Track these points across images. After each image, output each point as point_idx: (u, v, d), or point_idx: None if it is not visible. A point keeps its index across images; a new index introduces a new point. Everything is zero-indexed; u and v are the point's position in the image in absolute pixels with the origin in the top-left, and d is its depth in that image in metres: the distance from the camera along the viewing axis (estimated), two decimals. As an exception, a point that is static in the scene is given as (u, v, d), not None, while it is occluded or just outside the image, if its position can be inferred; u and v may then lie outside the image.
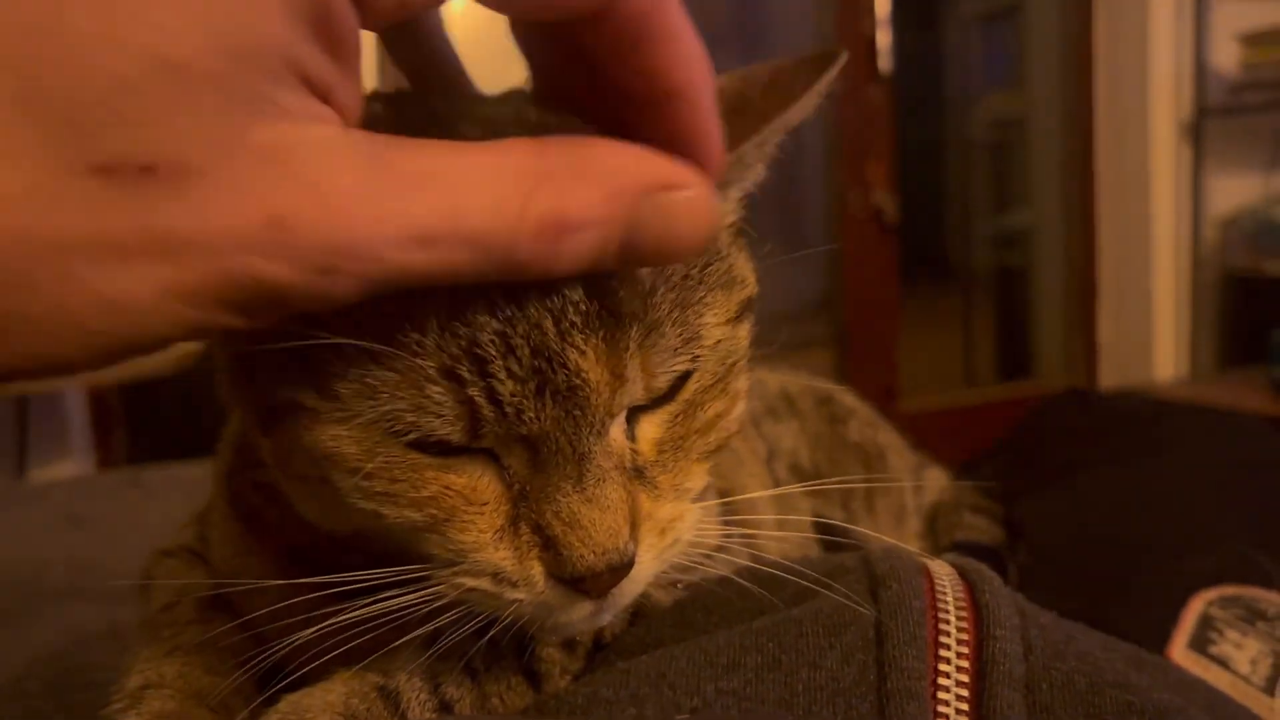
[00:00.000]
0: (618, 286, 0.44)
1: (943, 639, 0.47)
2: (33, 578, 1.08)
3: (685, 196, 0.40)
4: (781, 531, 0.86)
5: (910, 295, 3.23)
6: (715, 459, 0.52)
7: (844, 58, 0.50)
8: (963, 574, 0.51)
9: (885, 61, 3.16)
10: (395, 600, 0.46)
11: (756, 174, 0.52)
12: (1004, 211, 3.80)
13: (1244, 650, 0.72)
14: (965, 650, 0.46)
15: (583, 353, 0.43)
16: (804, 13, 3.31)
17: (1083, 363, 3.62)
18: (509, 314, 0.42)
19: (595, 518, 0.44)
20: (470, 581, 0.45)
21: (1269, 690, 0.69)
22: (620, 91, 0.42)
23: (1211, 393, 2.86)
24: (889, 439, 1.11)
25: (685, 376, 0.48)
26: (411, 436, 0.43)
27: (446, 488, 0.44)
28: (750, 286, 0.51)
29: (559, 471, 0.44)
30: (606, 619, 0.48)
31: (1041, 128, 3.69)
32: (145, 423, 3.00)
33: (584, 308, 0.43)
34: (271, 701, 0.49)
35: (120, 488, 1.50)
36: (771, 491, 0.85)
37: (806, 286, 3.18)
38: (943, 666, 0.46)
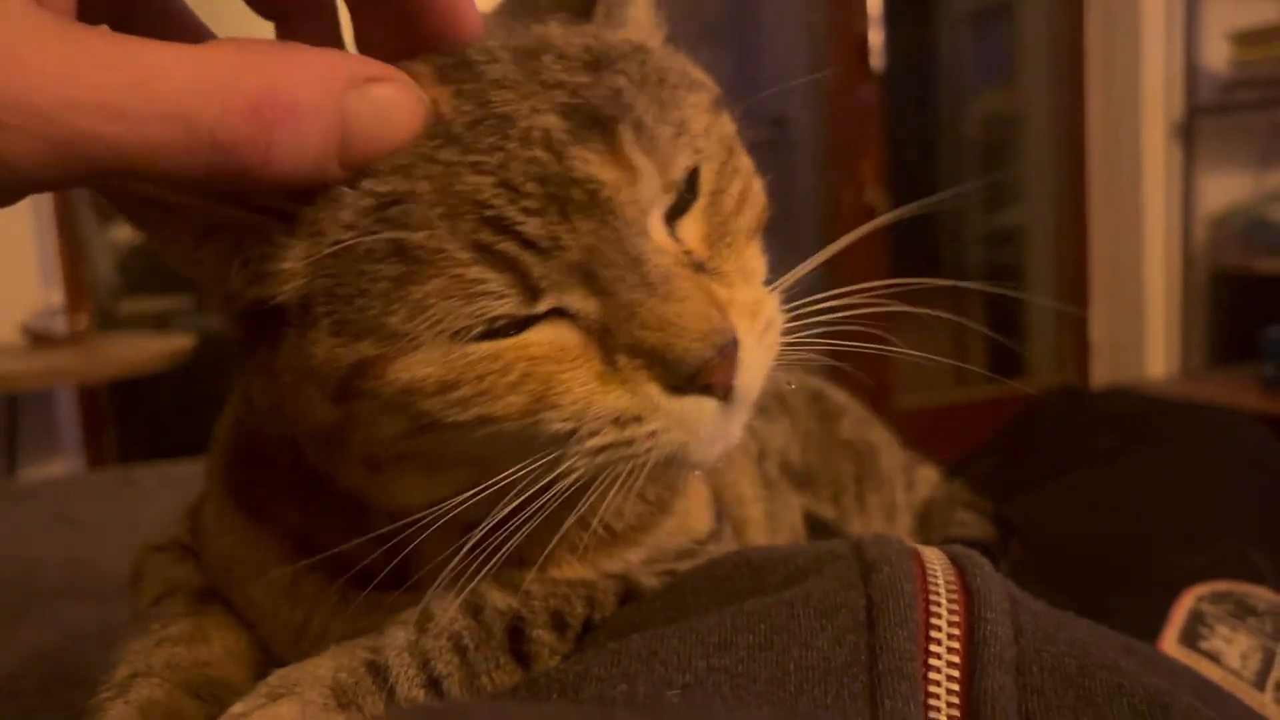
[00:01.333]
0: (587, 99, 0.44)
1: (934, 621, 0.47)
2: (24, 577, 1.07)
3: (392, 88, 0.41)
4: (772, 527, 0.86)
5: (901, 292, 3.23)
6: (759, 235, 0.52)
7: None
8: (953, 559, 0.51)
9: (877, 59, 3.17)
10: (534, 497, 0.46)
11: None
12: (996, 209, 3.81)
13: (1234, 645, 0.72)
14: (956, 633, 0.46)
15: (586, 160, 0.43)
16: (795, 11, 3.32)
17: (1075, 360, 3.63)
18: (497, 163, 0.42)
19: (679, 309, 0.44)
20: (597, 441, 0.45)
21: (1259, 685, 0.70)
22: None
23: (1202, 390, 2.87)
24: (880, 436, 1.11)
25: (695, 171, 0.48)
26: (478, 330, 0.43)
27: (532, 359, 0.44)
28: (711, 88, 0.52)
29: (624, 285, 0.44)
30: (738, 427, 0.48)
31: (1034, 126, 3.70)
32: (135, 421, 2.99)
33: (566, 124, 0.43)
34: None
35: (111, 486, 1.50)
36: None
37: (797, 283, 3.18)
38: (934, 648, 0.46)
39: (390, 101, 0.41)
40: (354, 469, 0.50)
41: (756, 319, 0.48)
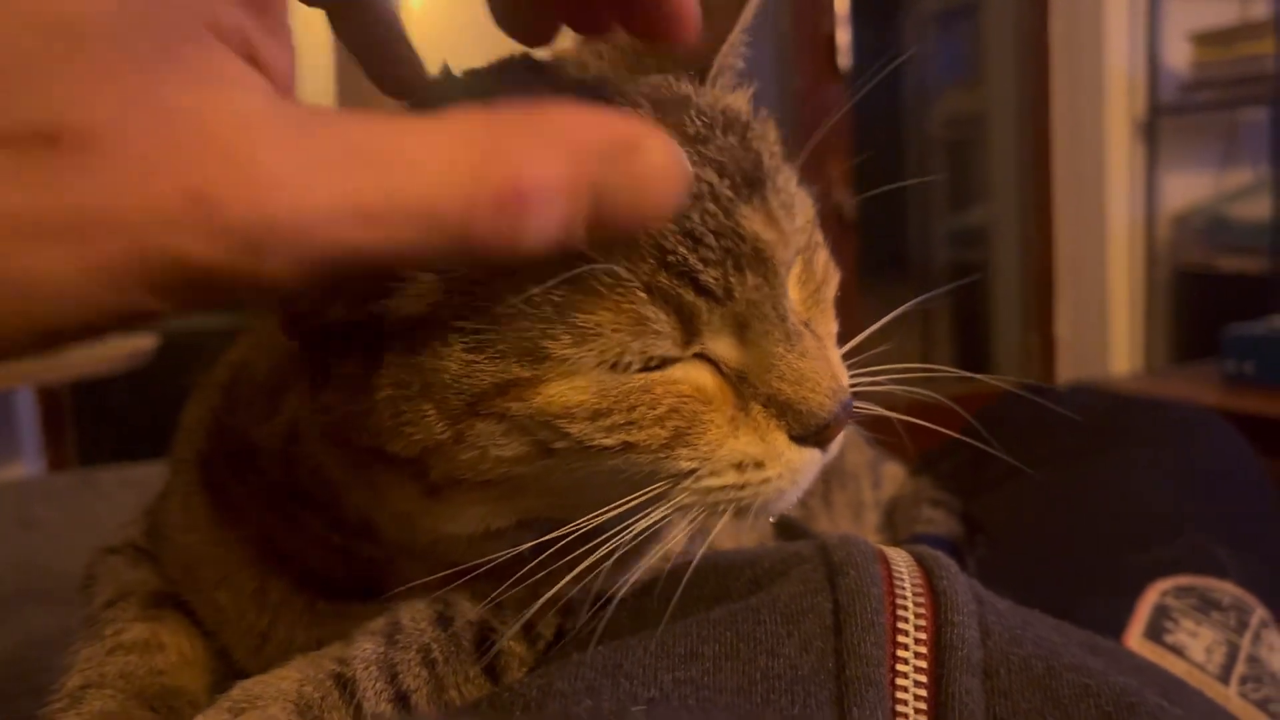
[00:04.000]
0: (737, 160, 0.46)
1: (900, 625, 0.47)
2: (-19, 581, 1.06)
3: (651, 156, 0.37)
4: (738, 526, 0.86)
5: (869, 292, 3.25)
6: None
7: None
8: (919, 561, 0.51)
9: (844, 59, 3.18)
10: (643, 521, 0.47)
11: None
12: (962, 209, 3.83)
13: (1199, 639, 0.73)
14: (923, 636, 0.46)
15: (750, 218, 0.45)
16: (763, 10, 3.30)
17: (1040, 358, 3.66)
18: (680, 211, 0.43)
19: (813, 367, 0.47)
20: (716, 481, 0.47)
21: (1223, 678, 0.70)
22: None
23: (1165, 387, 2.90)
24: (846, 434, 1.11)
25: None
26: (637, 364, 0.44)
27: (680, 396, 0.46)
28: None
29: (769, 339, 0.46)
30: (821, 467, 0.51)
31: (999, 125, 3.72)
32: (96, 423, 2.95)
33: (728, 182, 0.45)
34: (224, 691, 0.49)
35: (72, 489, 1.48)
36: None
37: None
38: (901, 653, 0.46)
39: (652, 171, 0.37)
40: (403, 494, 0.49)
41: (846, 376, 0.51)
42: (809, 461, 0.48)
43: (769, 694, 0.44)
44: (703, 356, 0.47)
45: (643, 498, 0.47)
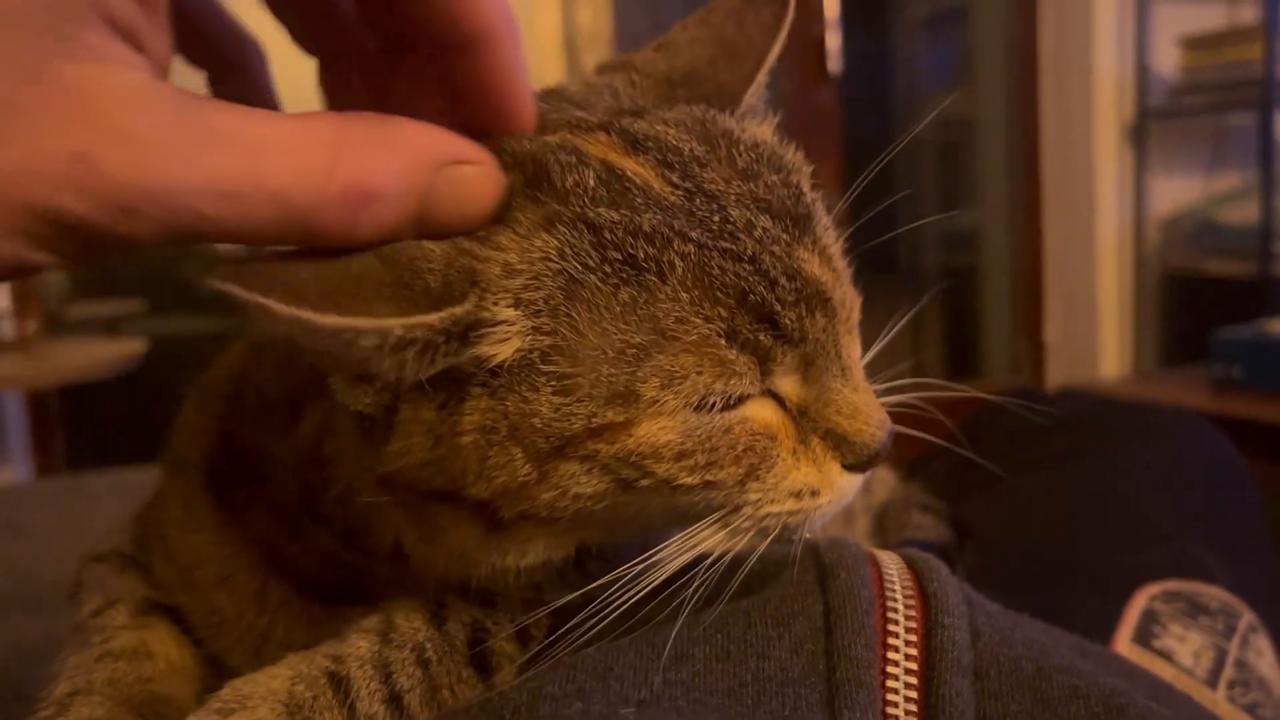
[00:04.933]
0: (782, 199, 0.48)
1: (891, 627, 0.47)
2: (-32, 587, 1.05)
3: (474, 170, 0.43)
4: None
5: (859, 295, 3.25)
6: None
7: None
8: (910, 563, 0.51)
9: (834, 63, 3.19)
10: (697, 547, 0.48)
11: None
12: (952, 212, 3.84)
13: (1187, 644, 0.73)
14: (914, 639, 0.47)
15: (808, 261, 0.47)
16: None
17: (1029, 362, 3.67)
18: (749, 254, 0.45)
19: (865, 400, 0.49)
20: (774, 508, 0.48)
21: (1211, 683, 0.70)
22: (421, 38, 0.45)
23: (1154, 391, 2.91)
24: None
25: None
26: (718, 406, 0.45)
27: (753, 433, 0.47)
28: None
29: (828, 375, 0.48)
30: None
31: (988, 129, 3.73)
32: (84, 428, 2.95)
33: (780, 225, 0.47)
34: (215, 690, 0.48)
35: (60, 494, 1.47)
36: None
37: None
38: (891, 655, 0.46)
39: (470, 182, 0.43)
40: (466, 533, 0.48)
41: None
42: (853, 486, 0.50)
43: (760, 696, 0.44)
44: (769, 393, 0.48)
45: (703, 526, 0.48)
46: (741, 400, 0.46)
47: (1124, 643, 0.73)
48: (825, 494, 0.49)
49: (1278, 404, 2.50)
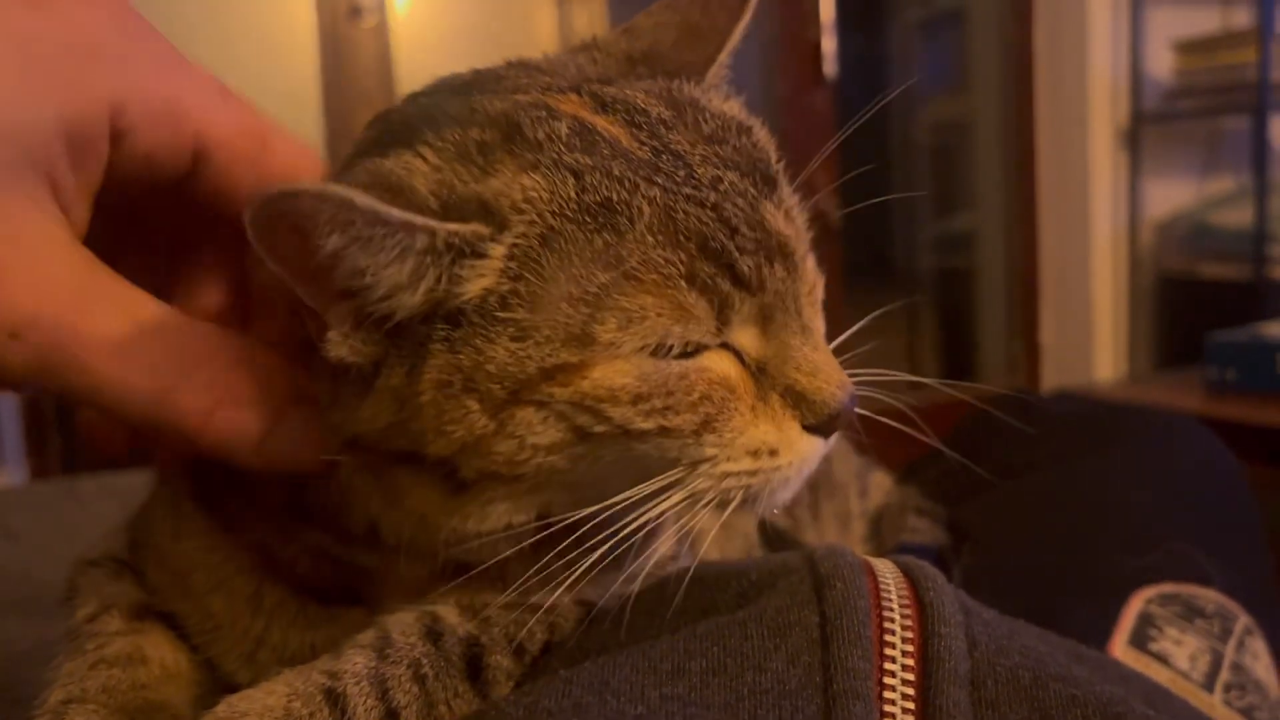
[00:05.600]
0: (752, 159, 0.49)
1: (888, 638, 0.47)
2: (-39, 592, 1.05)
3: (305, 418, 0.49)
4: (726, 536, 0.85)
5: (854, 299, 3.26)
6: None
7: None
8: (906, 572, 0.51)
9: (830, 66, 3.19)
10: (657, 508, 0.49)
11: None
12: (947, 215, 3.84)
13: (1183, 647, 0.73)
14: (910, 649, 0.46)
15: (773, 215, 0.48)
16: (749, 18, 3.31)
17: (1025, 364, 3.67)
18: (711, 201, 0.46)
19: (825, 359, 0.50)
20: (732, 466, 0.49)
21: (1208, 686, 0.70)
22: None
23: (1149, 393, 2.91)
24: (834, 443, 1.11)
25: None
26: (676, 350, 0.46)
27: (712, 383, 0.48)
28: None
29: (787, 331, 0.49)
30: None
31: (984, 132, 3.73)
32: (79, 431, 2.94)
33: (748, 181, 0.48)
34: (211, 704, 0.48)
35: (54, 498, 1.46)
36: None
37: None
38: (888, 665, 0.46)
39: (312, 428, 0.49)
40: (428, 495, 0.50)
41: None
42: (815, 450, 0.51)
43: (756, 709, 0.43)
44: (727, 346, 0.48)
45: (660, 483, 0.48)
46: (699, 349, 0.47)
47: (1120, 646, 0.73)
48: (784, 454, 0.49)
49: (1272, 407, 2.50)
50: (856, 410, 0.53)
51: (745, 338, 0.48)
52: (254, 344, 0.49)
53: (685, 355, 0.47)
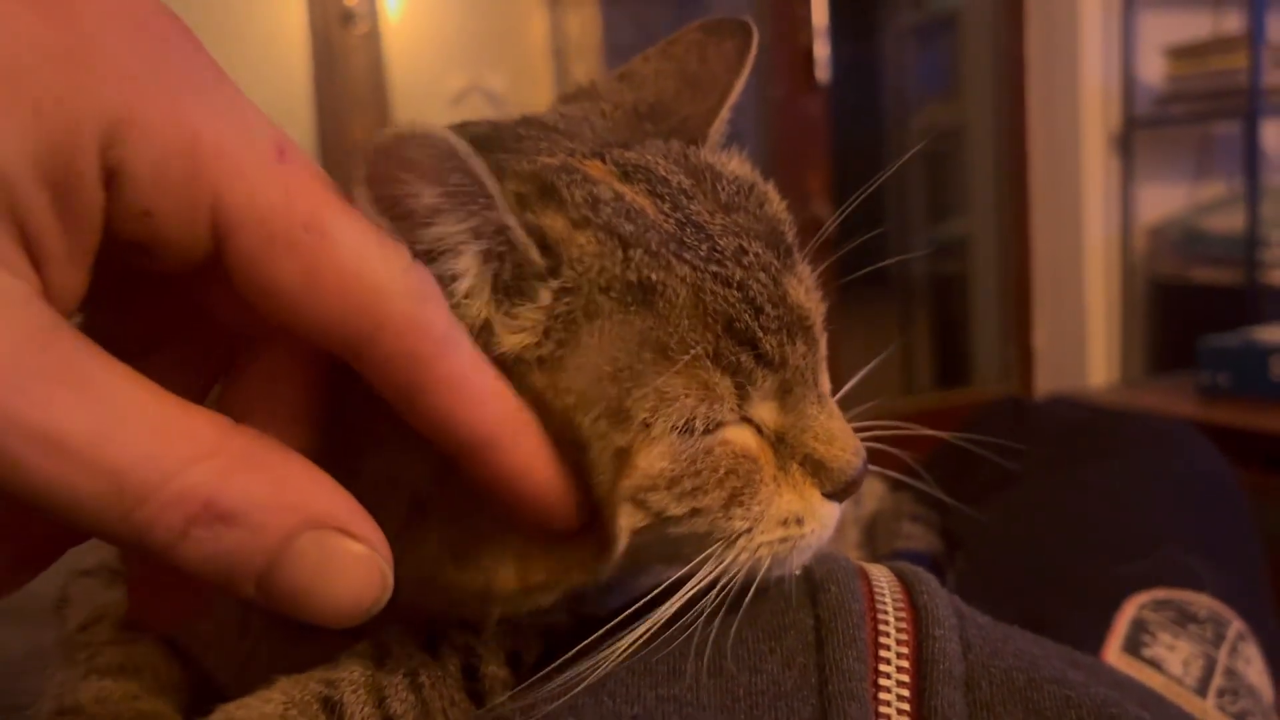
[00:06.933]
0: (770, 229, 0.48)
1: (882, 640, 0.47)
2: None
3: (356, 549, 0.36)
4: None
5: (848, 304, 3.26)
6: None
7: (755, 31, 0.57)
8: (900, 576, 0.51)
9: (822, 72, 3.20)
10: (694, 585, 0.47)
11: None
12: (940, 220, 3.85)
13: (1176, 652, 0.73)
14: (905, 651, 0.47)
15: (795, 288, 0.47)
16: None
17: (1019, 369, 3.68)
18: (738, 280, 0.45)
19: (840, 426, 0.49)
20: (766, 537, 0.48)
21: (1201, 691, 0.70)
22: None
23: (1142, 398, 2.92)
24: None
25: None
26: (702, 428, 0.45)
27: (735, 455, 0.46)
28: None
29: (805, 401, 0.48)
30: None
31: (977, 138, 3.74)
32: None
33: (770, 252, 0.47)
34: (205, 714, 0.48)
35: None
36: None
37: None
38: (883, 667, 0.46)
39: (344, 564, 0.36)
40: (428, 556, 0.47)
41: None
42: (833, 516, 0.50)
43: (752, 710, 0.44)
44: (747, 420, 0.47)
45: (697, 563, 0.47)
46: (720, 425, 0.46)
47: (1114, 652, 0.73)
48: (809, 522, 0.49)
49: (1264, 411, 2.51)
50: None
51: (765, 411, 0.48)
52: (276, 444, 0.36)
53: (709, 431, 0.46)
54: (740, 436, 0.47)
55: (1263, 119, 3.01)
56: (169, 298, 0.40)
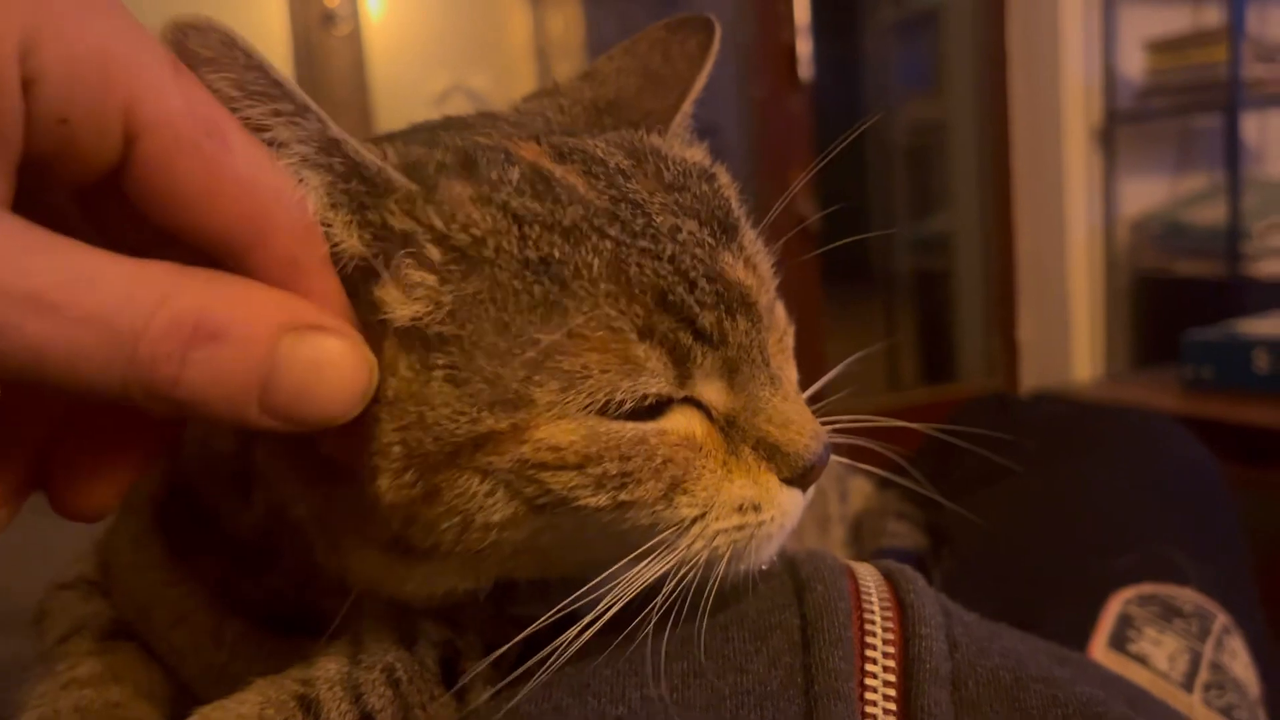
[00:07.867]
0: (711, 208, 0.48)
1: (869, 639, 0.47)
2: (-67, 609, 1.03)
3: (335, 342, 0.39)
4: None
5: (832, 301, 3.27)
6: None
7: (717, 27, 0.58)
8: (886, 575, 0.51)
9: (805, 69, 3.20)
10: (646, 574, 0.46)
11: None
12: (924, 216, 3.86)
13: (1162, 647, 0.73)
14: (891, 650, 0.47)
15: (732, 265, 0.47)
16: (724, 22, 3.31)
17: (1004, 364, 3.69)
18: (669, 254, 0.44)
19: (797, 409, 0.48)
20: (721, 524, 0.47)
21: (1187, 686, 0.70)
22: (198, 246, 0.39)
23: (1127, 392, 2.93)
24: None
25: None
26: (628, 406, 0.44)
27: (674, 444, 0.45)
28: None
29: (755, 383, 0.47)
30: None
31: (959, 134, 3.75)
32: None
33: (707, 229, 0.46)
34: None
35: (26, 514, 1.45)
36: None
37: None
38: (869, 666, 0.46)
39: (332, 358, 0.39)
40: (367, 554, 0.48)
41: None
42: (795, 503, 0.49)
43: (738, 710, 0.43)
44: (691, 401, 0.47)
45: (645, 550, 0.46)
46: (658, 405, 0.45)
47: (1100, 647, 0.73)
48: (767, 509, 0.48)
49: (1248, 404, 2.52)
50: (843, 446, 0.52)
51: (710, 391, 0.47)
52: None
53: (641, 416, 0.45)
54: (681, 422, 0.46)
55: (1243, 111, 3.02)
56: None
